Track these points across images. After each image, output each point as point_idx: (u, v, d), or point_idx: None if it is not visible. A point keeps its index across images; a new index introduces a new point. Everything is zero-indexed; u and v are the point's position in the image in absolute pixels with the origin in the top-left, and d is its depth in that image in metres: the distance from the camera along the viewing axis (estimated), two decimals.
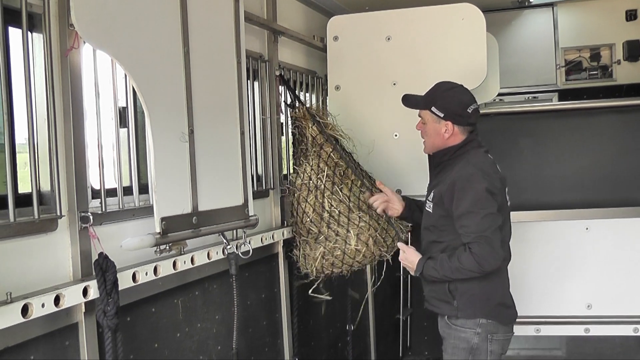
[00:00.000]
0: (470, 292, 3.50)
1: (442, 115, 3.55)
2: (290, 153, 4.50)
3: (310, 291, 4.25)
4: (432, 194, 3.64)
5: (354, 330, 5.33)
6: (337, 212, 3.99)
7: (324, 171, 4.05)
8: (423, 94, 3.69)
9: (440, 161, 3.66)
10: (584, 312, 4.75)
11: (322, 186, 4.02)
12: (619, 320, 4.71)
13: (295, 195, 4.14)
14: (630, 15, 7.02)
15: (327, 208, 4.01)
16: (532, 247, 4.80)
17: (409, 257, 3.62)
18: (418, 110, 3.71)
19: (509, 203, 3.64)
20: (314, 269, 4.03)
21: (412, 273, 3.64)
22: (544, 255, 4.80)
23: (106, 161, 2.85)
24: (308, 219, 4.05)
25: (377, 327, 5.94)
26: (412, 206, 4.02)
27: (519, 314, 3.67)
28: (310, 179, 4.07)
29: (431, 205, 3.62)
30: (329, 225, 4.00)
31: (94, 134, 2.79)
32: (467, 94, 3.64)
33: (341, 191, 4.03)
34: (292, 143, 4.36)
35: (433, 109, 3.56)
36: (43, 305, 2.36)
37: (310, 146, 4.14)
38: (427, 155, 3.79)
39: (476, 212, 3.38)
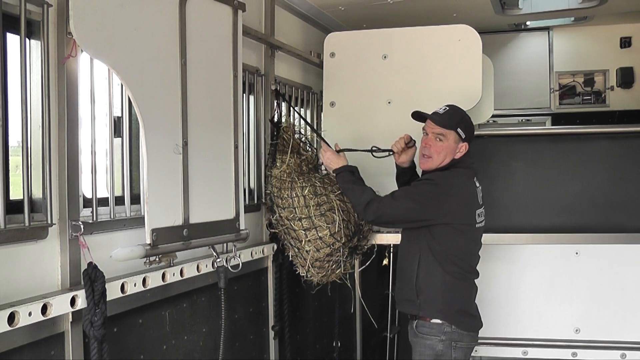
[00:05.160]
0: (433, 294, 3.63)
1: (464, 136, 3.67)
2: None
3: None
4: None
5: (340, 347, 5.31)
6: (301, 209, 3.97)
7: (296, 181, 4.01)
8: (426, 111, 3.72)
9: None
10: (572, 336, 4.74)
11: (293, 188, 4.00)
12: (606, 346, 4.70)
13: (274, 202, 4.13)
14: (625, 43, 7.09)
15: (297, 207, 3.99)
16: (521, 269, 4.80)
17: (331, 157, 3.92)
18: (424, 125, 3.75)
19: (480, 225, 3.72)
20: (310, 271, 4.04)
21: (331, 171, 3.96)
22: (533, 278, 4.80)
23: (99, 170, 2.85)
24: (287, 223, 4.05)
25: (364, 344, 5.92)
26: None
27: (507, 336, 3.70)
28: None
29: None
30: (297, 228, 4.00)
31: (87, 143, 2.79)
32: None
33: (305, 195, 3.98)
34: (271, 146, 4.29)
35: (459, 130, 3.66)
36: (30, 314, 2.35)
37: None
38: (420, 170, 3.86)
39: (414, 190, 3.67)
